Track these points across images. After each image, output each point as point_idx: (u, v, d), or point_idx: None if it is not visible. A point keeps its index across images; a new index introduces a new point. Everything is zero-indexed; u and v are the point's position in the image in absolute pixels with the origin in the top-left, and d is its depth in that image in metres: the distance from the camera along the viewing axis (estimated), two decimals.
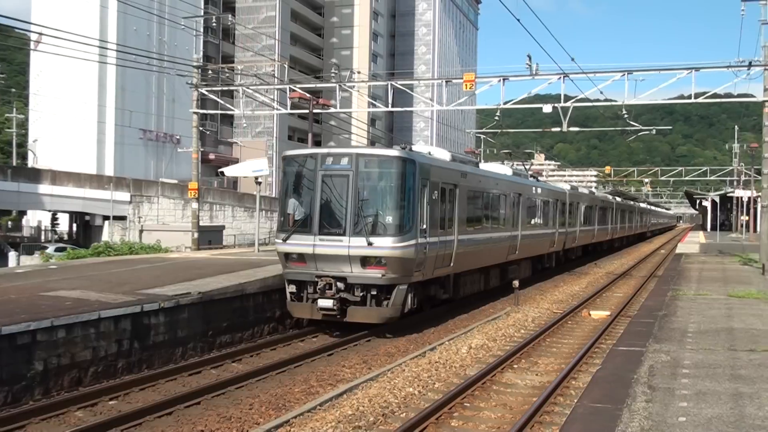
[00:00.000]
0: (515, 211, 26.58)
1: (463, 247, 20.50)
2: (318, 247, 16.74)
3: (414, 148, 20.25)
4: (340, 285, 16.64)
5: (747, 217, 59.88)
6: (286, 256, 17.39)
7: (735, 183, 68.71)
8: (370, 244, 16.48)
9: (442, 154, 21.44)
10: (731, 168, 70.28)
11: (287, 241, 17.25)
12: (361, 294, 16.78)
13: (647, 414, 7.70)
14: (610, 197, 53.99)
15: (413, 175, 17.27)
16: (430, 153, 20.28)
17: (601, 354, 14.10)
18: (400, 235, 16.72)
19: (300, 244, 17.02)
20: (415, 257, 17.14)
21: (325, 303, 16.52)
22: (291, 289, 17.38)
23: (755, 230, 54.27)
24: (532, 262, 30.22)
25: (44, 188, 48.70)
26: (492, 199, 24.13)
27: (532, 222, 29.45)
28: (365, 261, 16.62)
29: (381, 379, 12.62)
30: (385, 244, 16.56)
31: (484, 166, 27.60)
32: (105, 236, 45.80)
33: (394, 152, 17.59)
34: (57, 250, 39.56)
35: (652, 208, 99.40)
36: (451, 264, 19.82)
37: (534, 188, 30.28)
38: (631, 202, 69.49)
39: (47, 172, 49.39)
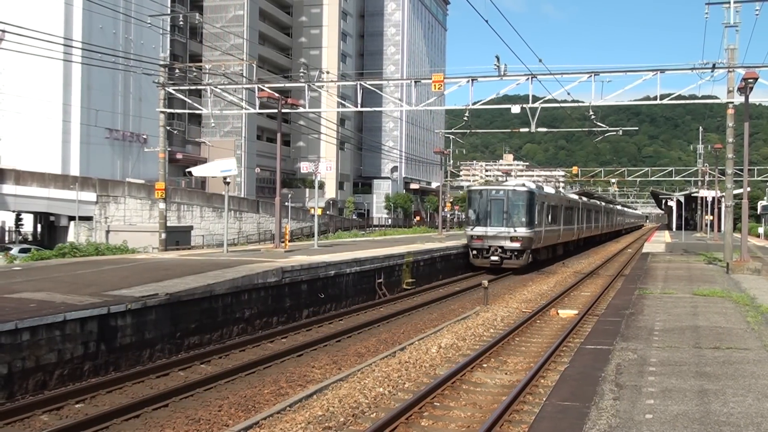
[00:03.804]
0: (559, 214, 42.43)
1: (546, 234, 37.92)
2: (489, 231, 34.15)
3: (526, 183, 37.85)
4: (500, 250, 33.95)
5: (711, 217, 60.85)
6: (471, 237, 34.63)
7: (699, 183, 69.68)
8: (515, 230, 33.77)
9: (531, 184, 38.98)
10: (696, 168, 71.32)
11: (473, 230, 34.66)
12: (510, 254, 33.93)
13: (615, 411, 7.77)
14: (598, 202, 70.18)
15: (534, 198, 34.95)
16: (530, 185, 37.11)
17: (569, 352, 14.23)
18: (528, 226, 34.20)
19: (480, 230, 34.41)
20: (533, 237, 34.67)
21: (494, 258, 33.93)
22: (473, 252, 34.68)
23: (719, 230, 55.20)
24: (564, 246, 46.37)
25: (8, 188, 47.83)
26: (552, 207, 39.92)
27: (566, 220, 44.61)
28: (512, 239, 33.76)
29: (351, 379, 12.61)
30: (522, 231, 33.95)
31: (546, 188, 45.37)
32: (70, 237, 45.14)
33: (525, 188, 35.17)
34: (21, 251, 38.79)
35: (626, 209, 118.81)
36: (541, 242, 37.01)
37: (566, 200, 46.11)
38: (611, 206, 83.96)
39: (11, 171, 48.51)
